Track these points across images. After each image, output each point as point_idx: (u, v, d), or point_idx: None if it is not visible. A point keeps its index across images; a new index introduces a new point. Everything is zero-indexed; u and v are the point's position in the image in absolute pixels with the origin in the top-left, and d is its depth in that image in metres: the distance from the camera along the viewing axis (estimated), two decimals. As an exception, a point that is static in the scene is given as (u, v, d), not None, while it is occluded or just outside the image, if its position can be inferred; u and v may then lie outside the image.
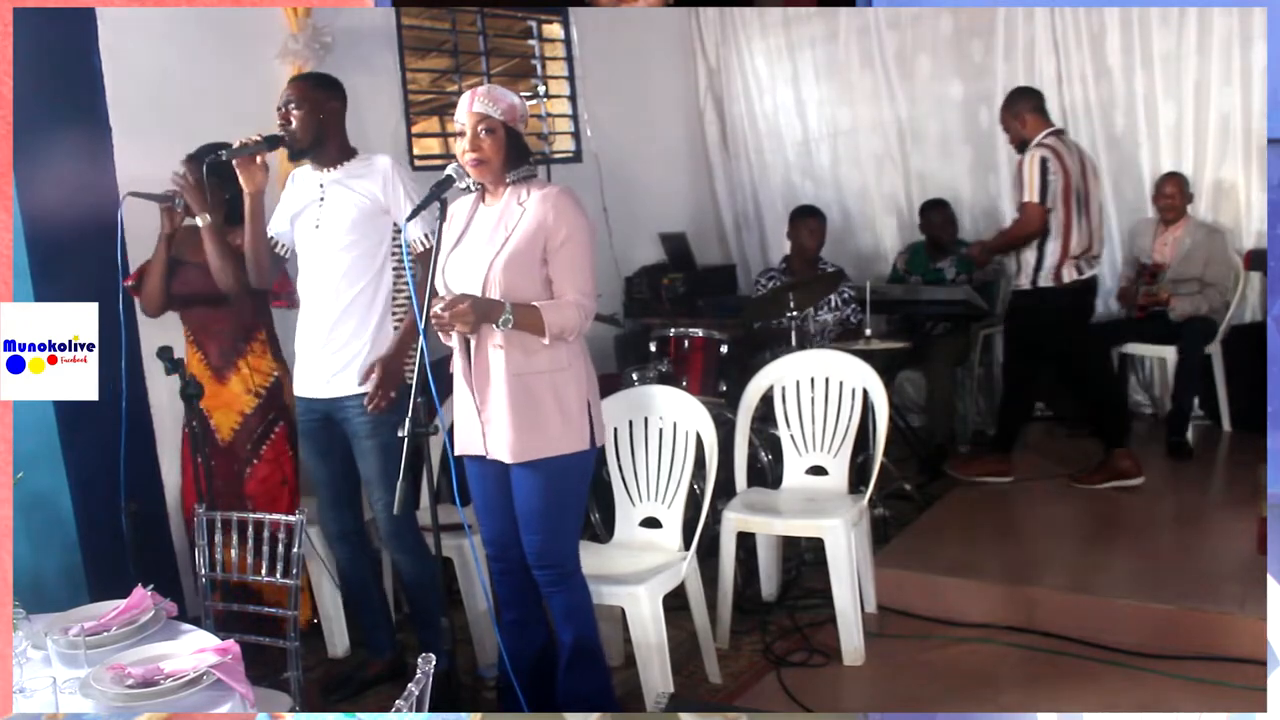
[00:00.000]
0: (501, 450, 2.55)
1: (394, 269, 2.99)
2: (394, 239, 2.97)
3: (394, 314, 2.99)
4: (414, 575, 3.12)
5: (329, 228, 2.97)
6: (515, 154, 2.54)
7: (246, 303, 3.23)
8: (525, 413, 2.51)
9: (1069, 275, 4.29)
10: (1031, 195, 4.21)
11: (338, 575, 3.37)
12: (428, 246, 2.86)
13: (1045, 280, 4.30)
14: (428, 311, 2.42)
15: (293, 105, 2.95)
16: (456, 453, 2.62)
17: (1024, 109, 4.37)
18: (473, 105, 2.50)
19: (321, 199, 2.99)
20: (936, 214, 5.38)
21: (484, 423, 2.57)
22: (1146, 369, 5.38)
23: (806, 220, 5.04)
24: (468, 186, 2.58)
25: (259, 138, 2.91)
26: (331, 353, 2.98)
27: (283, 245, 3.10)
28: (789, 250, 5.12)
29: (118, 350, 2.77)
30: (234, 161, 2.90)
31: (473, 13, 5.03)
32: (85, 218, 3.10)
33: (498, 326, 2.45)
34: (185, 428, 3.25)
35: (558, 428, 2.53)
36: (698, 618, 3.11)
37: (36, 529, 3.14)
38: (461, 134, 2.51)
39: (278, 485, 3.29)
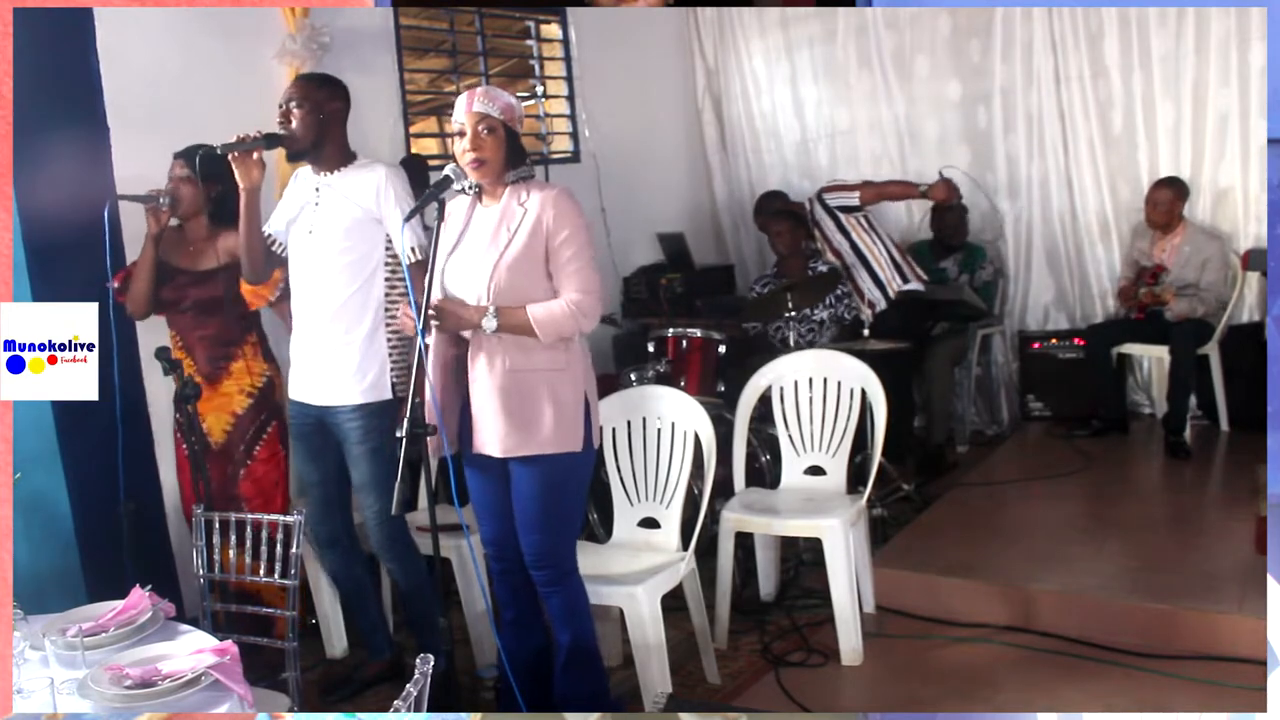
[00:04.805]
0: (491, 444, 2.54)
1: (385, 279, 2.96)
2: (387, 248, 2.94)
3: (387, 324, 2.95)
4: (407, 582, 3.11)
5: (322, 233, 2.94)
6: (514, 154, 2.54)
7: (238, 307, 3.22)
8: (517, 408, 2.51)
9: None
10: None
11: (329, 580, 3.37)
12: (419, 259, 2.85)
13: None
14: (426, 315, 2.42)
15: (294, 104, 2.92)
16: (447, 451, 2.60)
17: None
18: (472, 105, 2.50)
19: (317, 203, 2.96)
20: (951, 214, 5.38)
21: (474, 416, 2.55)
22: (1144, 369, 5.38)
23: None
24: (464, 188, 2.58)
25: (258, 134, 2.87)
26: (323, 358, 2.96)
27: (279, 244, 3.07)
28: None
29: (114, 351, 2.77)
30: (230, 157, 2.83)
31: (471, 13, 5.04)
32: (84, 218, 3.09)
33: (483, 330, 2.46)
34: (176, 430, 3.25)
35: (550, 426, 2.53)
36: (696, 618, 3.11)
37: (35, 529, 3.14)
38: (461, 134, 2.51)
39: (272, 485, 3.29)
